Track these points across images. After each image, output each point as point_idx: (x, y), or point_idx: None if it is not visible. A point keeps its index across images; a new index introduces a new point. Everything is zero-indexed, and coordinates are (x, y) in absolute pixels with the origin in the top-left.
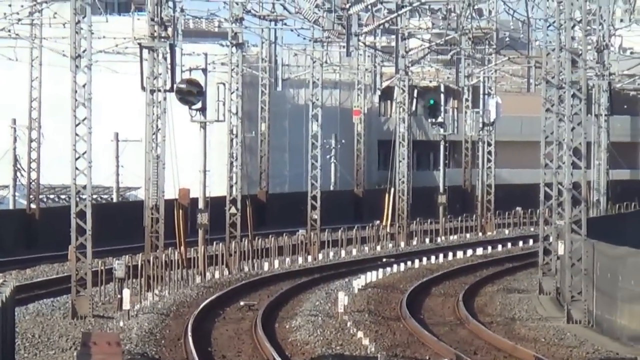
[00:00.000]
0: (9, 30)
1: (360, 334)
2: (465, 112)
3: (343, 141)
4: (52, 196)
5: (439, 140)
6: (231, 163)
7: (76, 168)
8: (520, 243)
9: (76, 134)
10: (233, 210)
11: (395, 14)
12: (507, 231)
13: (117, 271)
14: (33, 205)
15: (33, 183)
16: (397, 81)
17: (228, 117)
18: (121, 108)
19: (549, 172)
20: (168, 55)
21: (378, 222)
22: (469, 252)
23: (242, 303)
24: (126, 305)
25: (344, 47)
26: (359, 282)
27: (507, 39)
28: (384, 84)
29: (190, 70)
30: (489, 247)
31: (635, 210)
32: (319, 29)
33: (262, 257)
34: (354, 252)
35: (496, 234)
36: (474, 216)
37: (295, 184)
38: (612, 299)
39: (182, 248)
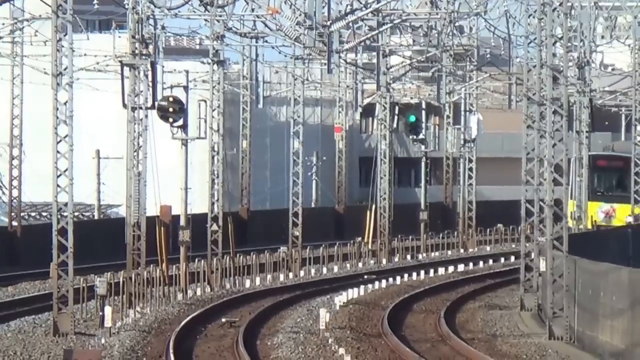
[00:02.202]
0: None
1: (341, 351)
2: (447, 129)
3: (324, 158)
4: (33, 214)
5: (420, 157)
6: (212, 180)
7: (57, 185)
8: (502, 259)
9: (57, 152)
10: (215, 227)
11: (376, 31)
12: (488, 248)
13: (99, 288)
14: (15, 223)
15: (15, 200)
16: (378, 98)
17: (209, 135)
18: (102, 125)
19: (530, 188)
20: (149, 73)
21: (360, 238)
22: (451, 268)
23: (223, 320)
24: (108, 323)
25: (325, 64)
26: (340, 298)
27: (488, 55)
28: (365, 101)
29: (172, 87)
30: (471, 264)
31: (616, 227)
32: (300, 47)
33: (244, 274)
34: (336, 269)
35: (477, 250)
36: (456, 233)
37: (277, 201)
38: (593, 315)
39: (164, 265)
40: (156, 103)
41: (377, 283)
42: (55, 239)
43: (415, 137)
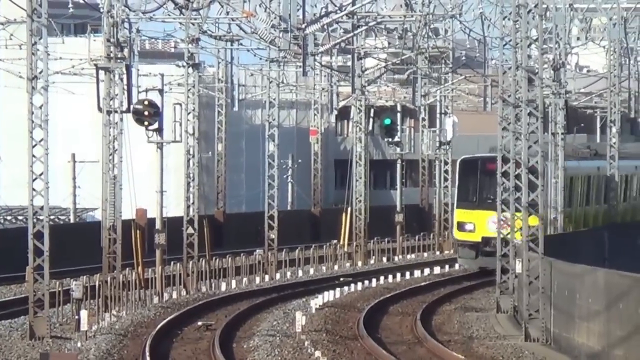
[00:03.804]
0: None
1: (318, 354)
2: (422, 131)
3: (300, 161)
4: (9, 217)
5: (395, 160)
6: (188, 183)
7: (33, 189)
8: None
9: (33, 155)
10: (190, 230)
11: (351, 34)
12: None
13: (75, 292)
14: None
15: None
16: (353, 101)
17: (185, 138)
18: (78, 129)
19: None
20: (124, 76)
21: (335, 241)
22: (427, 270)
23: (199, 323)
24: (84, 326)
25: (300, 67)
26: (316, 301)
27: (464, 58)
28: (341, 104)
29: (147, 91)
30: (447, 266)
31: (590, 229)
32: (275, 49)
33: (220, 277)
34: (312, 271)
35: (453, 252)
36: (432, 235)
37: (252, 204)
38: (569, 317)
39: (140, 268)
40: (131, 106)
41: (353, 285)
42: (31, 243)
43: (390, 139)
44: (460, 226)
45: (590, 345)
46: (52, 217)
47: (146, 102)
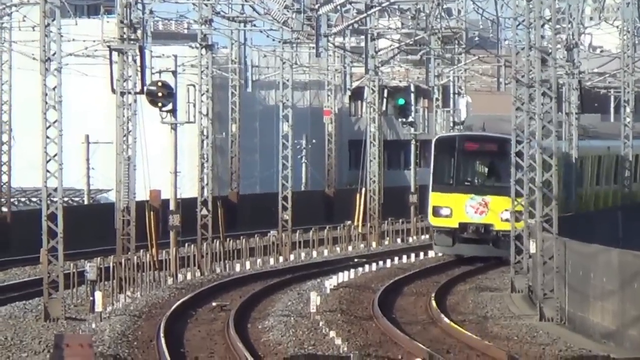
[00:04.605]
0: None
1: (332, 334)
2: (436, 112)
3: (314, 141)
4: (23, 199)
5: (409, 140)
6: (202, 164)
7: (47, 171)
8: None
9: (47, 137)
10: (204, 211)
11: (364, 15)
12: None
13: (89, 273)
14: (4, 209)
15: (4, 186)
16: (367, 81)
17: (198, 119)
18: (91, 110)
19: (520, 170)
20: (138, 58)
21: (349, 222)
22: None
23: (214, 304)
24: (98, 308)
25: (313, 48)
26: (331, 282)
27: (477, 38)
28: (354, 85)
29: (160, 72)
30: None
31: (603, 209)
32: (288, 30)
33: (234, 258)
34: (326, 252)
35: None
36: None
37: (266, 184)
38: (584, 297)
39: (154, 250)
40: (145, 88)
41: (367, 266)
42: (45, 225)
43: (404, 119)
44: (436, 211)
45: (604, 325)
46: (65, 198)
47: (160, 84)
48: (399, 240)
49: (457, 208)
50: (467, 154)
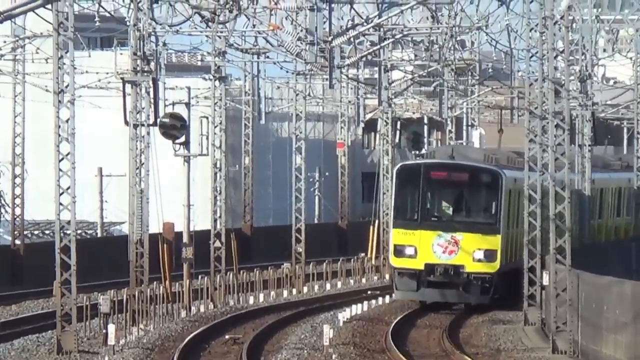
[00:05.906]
0: None
1: None
2: (449, 144)
3: (327, 174)
4: (36, 232)
5: None
6: (215, 197)
7: (60, 203)
8: None
9: (60, 170)
10: (217, 244)
11: (378, 46)
12: None
13: (102, 306)
14: (17, 241)
15: (17, 219)
16: (380, 113)
17: (211, 151)
18: (104, 143)
19: (532, 202)
20: (151, 90)
21: (363, 254)
22: None
23: (227, 337)
24: (111, 340)
25: (326, 79)
26: (344, 314)
27: (490, 70)
28: (367, 116)
29: (173, 104)
30: None
31: (618, 240)
32: (302, 62)
33: (247, 290)
34: (339, 284)
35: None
36: None
37: (280, 217)
38: (597, 329)
39: (167, 282)
40: (158, 120)
41: (380, 299)
42: (58, 257)
43: (417, 152)
44: (398, 250)
45: (617, 358)
46: (79, 231)
47: (173, 116)
48: None
49: (422, 247)
50: (433, 185)
